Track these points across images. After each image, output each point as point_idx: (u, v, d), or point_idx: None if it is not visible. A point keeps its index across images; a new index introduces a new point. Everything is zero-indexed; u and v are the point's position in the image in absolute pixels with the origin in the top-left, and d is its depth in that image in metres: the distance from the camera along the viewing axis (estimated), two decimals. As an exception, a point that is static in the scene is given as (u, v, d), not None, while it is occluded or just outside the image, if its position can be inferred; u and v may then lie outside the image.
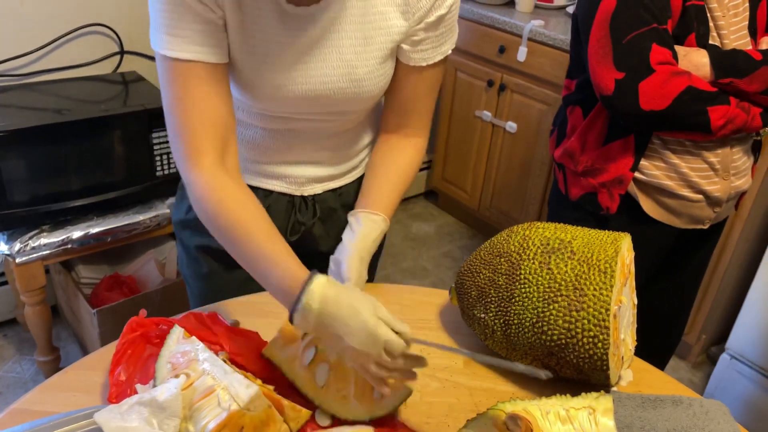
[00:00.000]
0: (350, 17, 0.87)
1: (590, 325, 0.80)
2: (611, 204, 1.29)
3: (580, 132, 1.31)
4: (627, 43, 1.14)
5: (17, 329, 2.15)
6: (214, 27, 0.82)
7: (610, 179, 1.27)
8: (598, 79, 1.18)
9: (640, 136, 1.23)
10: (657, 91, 1.12)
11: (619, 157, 1.25)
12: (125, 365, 0.81)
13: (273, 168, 1.02)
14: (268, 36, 0.85)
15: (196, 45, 0.81)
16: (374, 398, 0.79)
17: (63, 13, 1.91)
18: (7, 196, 1.63)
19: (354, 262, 0.87)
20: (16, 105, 1.74)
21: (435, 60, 0.95)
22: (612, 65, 1.15)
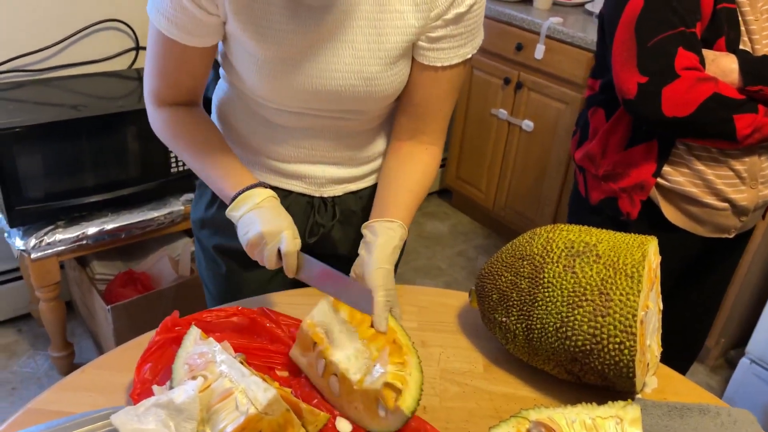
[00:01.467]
0: (365, 13, 0.85)
1: (616, 331, 0.78)
2: (632, 209, 1.26)
3: (602, 135, 1.28)
4: (652, 46, 1.10)
5: (32, 324, 2.16)
6: (205, 24, 0.84)
7: (631, 184, 1.24)
8: (620, 83, 1.15)
9: (664, 141, 1.20)
10: (681, 97, 1.09)
11: (641, 162, 1.22)
12: (153, 364, 0.80)
13: (292, 167, 1.01)
14: (280, 28, 0.84)
15: (179, 30, 0.84)
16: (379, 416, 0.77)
17: (79, 9, 1.91)
18: (23, 192, 1.63)
19: (377, 277, 0.82)
20: (32, 101, 1.75)
21: (452, 62, 0.91)
22: (635, 69, 1.12)
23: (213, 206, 1.05)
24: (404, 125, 0.98)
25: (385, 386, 0.76)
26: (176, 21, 0.83)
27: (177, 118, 0.93)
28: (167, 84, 0.91)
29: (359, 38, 0.86)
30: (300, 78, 0.87)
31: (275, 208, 0.87)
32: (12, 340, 2.10)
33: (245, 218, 0.86)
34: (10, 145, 1.57)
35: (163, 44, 0.86)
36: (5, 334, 2.12)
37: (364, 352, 0.80)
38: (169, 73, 0.90)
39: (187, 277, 1.93)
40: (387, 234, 0.88)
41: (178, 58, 0.88)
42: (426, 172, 0.98)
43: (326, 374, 0.81)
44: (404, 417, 0.75)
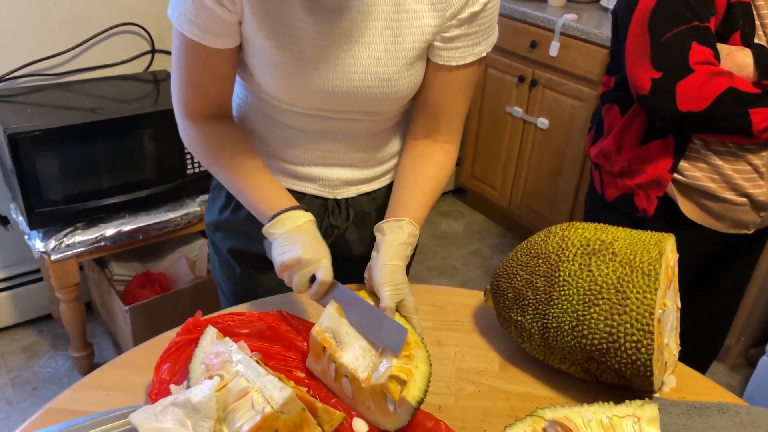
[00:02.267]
0: (382, 13, 0.85)
1: (633, 330, 0.77)
2: (648, 206, 1.25)
3: (617, 131, 1.27)
4: (666, 41, 1.10)
5: (52, 325, 2.19)
6: (224, 21, 0.84)
7: (647, 181, 1.23)
8: (634, 78, 1.15)
9: (680, 137, 1.19)
10: (695, 92, 1.08)
11: (657, 158, 1.21)
12: (172, 364, 0.81)
13: (306, 170, 1.01)
14: (297, 27, 0.84)
15: (201, 31, 0.84)
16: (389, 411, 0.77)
17: (95, 13, 1.93)
18: (43, 195, 1.66)
19: (384, 274, 0.84)
20: (50, 104, 1.77)
21: (467, 61, 0.91)
22: (649, 64, 1.11)
23: (227, 209, 1.06)
24: (419, 124, 0.98)
25: (390, 379, 0.76)
26: (198, 22, 0.83)
27: (209, 133, 0.93)
28: (196, 92, 0.90)
29: (376, 39, 0.86)
30: (316, 79, 0.87)
31: (314, 234, 0.88)
32: (33, 340, 2.13)
33: (284, 238, 0.86)
34: (29, 149, 1.59)
35: (188, 50, 0.86)
36: (26, 334, 2.15)
37: (370, 350, 0.81)
38: (196, 79, 0.89)
39: (204, 278, 1.95)
40: (394, 232, 0.89)
41: (204, 61, 0.88)
42: (440, 170, 0.98)
43: (338, 377, 0.81)
44: (411, 407, 0.75)
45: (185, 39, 0.86)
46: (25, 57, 1.87)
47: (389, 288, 0.82)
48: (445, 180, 0.99)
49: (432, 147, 0.98)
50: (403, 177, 0.98)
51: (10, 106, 1.73)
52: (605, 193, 1.32)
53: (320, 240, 0.88)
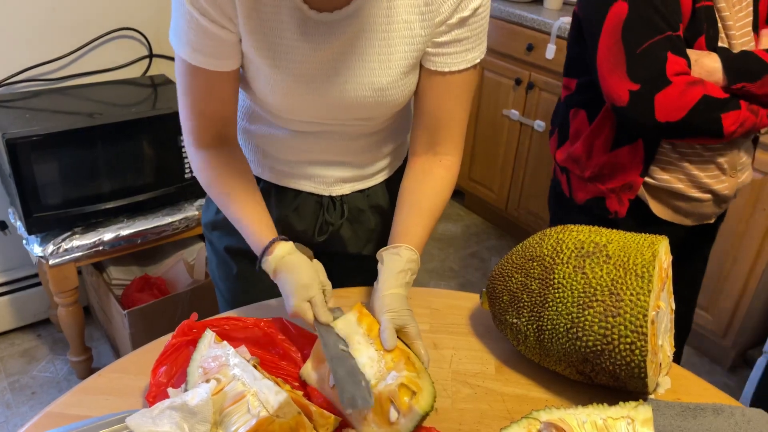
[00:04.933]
0: (374, 26, 0.86)
1: (627, 332, 0.78)
2: (620, 208, 1.27)
3: (586, 137, 1.27)
4: (641, 53, 1.09)
5: (51, 329, 2.19)
6: (223, 41, 0.85)
7: (619, 185, 1.25)
8: (610, 90, 1.14)
9: (649, 142, 1.21)
10: (674, 103, 1.09)
11: (628, 163, 1.23)
12: (169, 367, 0.82)
13: (301, 168, 1.02)
14: (292, 44, 0.85)
15: (203, 56, 0.85)
16: (390, 421, 0.78)
17: (94, 18, 1.94)
18: (41, 199, 1.66)
19: (382, 304, 0.85)
20: (48, 109, 1.78)
21: (460, 67, 0.90)
22: (626, 76, 1.11)
23: None
24: (419, 138, 0.98)
25: (400, 387, 0.77)
26: (198, 46, 0.84)
27: (213, 162, 0.94)
28: (201, 117, 0.91)
29: (369, 50, 0.87)
30: (313, 93, 0.88)
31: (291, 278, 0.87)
32: (32, 345, 2.13)
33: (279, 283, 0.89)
34: (27, 154, 1.60)
35: (191, 75, 0.87)
36: (25, 339, 2.15)
37: (379, 361, 0.81)
38: (200, 104, 0.90)
39: (202, 281, 1.95)
40: (392, 260, 0.90)
41: (207, 85, 0.88)
42: (440, 187, 0.97)
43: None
44: (417, 416, 0.75)
45: (187, 66, 0.86)
46: (24, 62, 1.87)
47: (389, 315, 0.83)
48: (446, 194, 0.98)
49: (432, 162, 0.97)
50: (402, 200, 0.97)
51: (8, 111, 1.73)
52: (574, 196, 1.34)
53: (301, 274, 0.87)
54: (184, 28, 0.83)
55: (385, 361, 0.81)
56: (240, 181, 0.95)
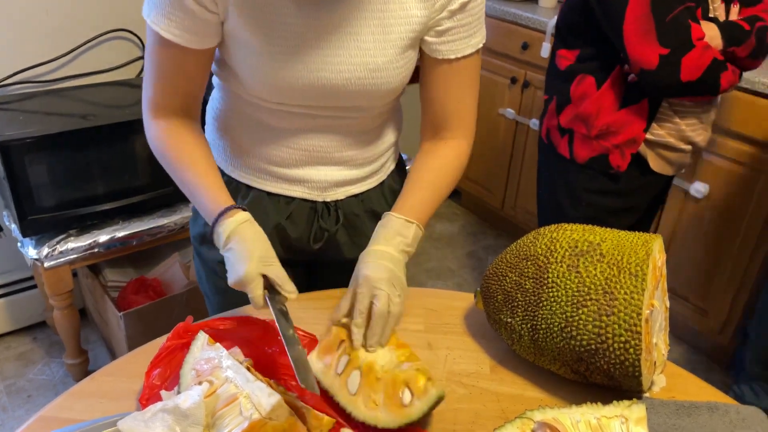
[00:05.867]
0: (369, 4, 0.85)
1: (621, 330, 0.78)
2: (622, 162, 1.42)
3: (595, 99, 1.39)
4: (670, 21, 1.24)
5: (47, 332, 2.19)
6: (205, 23, 0.84)
7: (624, 140, 1.40)
8: (640, 55, 1.27)
9: (653, 101, 1.36)
10: (695, 63, 1.25)
11: (634, 121, 1.38)
12: (162, 369, 0.81)
13: (295, 171, 1.01)
14: (284, 21, 0.84)
15: (179, 30, 0.84)
16: (403, 404, 0.78)
17: (87, 19, 1.93)
18: (35, 202, 1.66)
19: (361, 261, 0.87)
20: (42, 111, 1.77)
21: (465, 53, 0.92)
22: (656, 42, 1.25)
23: None
24: (428, 126, 0.99)
25: (416, 371, 0.79)
26: (176, 20, 0.83)
27: (169, 130, 0.92)
28: (164, 90, 0.90)
29: (364, 30, 0.86)
30: (306, 72, 0.87)
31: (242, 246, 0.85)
32: (28, 348, 2.12)
33: (225, 256, 0.87)
34: (21, 156, 1.59)
35: (162, 48, 0.86)
36: (21, 342, 2.15)
37: (391, 352, 0.83)
38: (166, 78, 0.89)
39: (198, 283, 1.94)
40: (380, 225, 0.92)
41: (177, 61, 0.87)
42: (445, 165, 0.98)
43: (348, 369, 0.81)
44: (433, 398, 0.76)
45: (159, 38, 0.85)
46: (17, 64, 1.87)
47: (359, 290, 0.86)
48: (454, 173, 0.99)
49: (438, 144, 0.99)
50: (410, 175, 0.99)
51: (2, 113, 1.73)
52: (576, 155, 1.46)
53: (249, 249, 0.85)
54: (163, 1, 0.82)
55: (397, 354, 0.84)
56: (198, 151, 0.93)
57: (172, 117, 0.93)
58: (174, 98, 0.91)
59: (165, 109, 0.92)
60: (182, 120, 0.94)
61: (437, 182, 0.97)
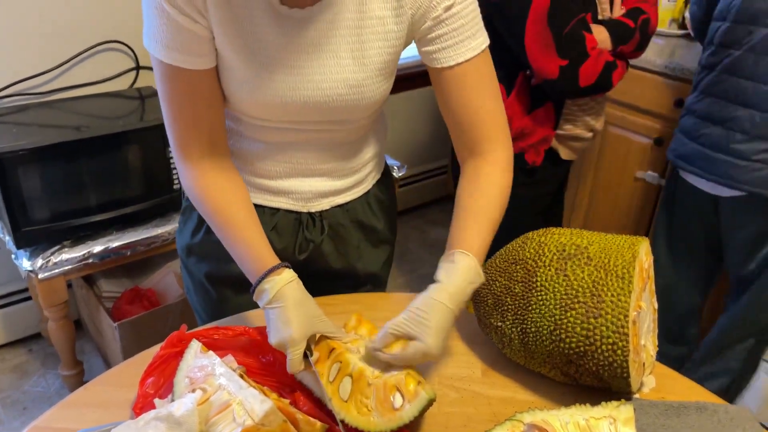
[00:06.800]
0: (346, 21, 0.86)
1: (609, 332, 0.79)
2: (537, 158, 1.56)
3: (507, 106, 1.48)
4: (566, 34, 1.36)
5: (42, 344, 2.18)
6: (198, 37, 0.84)
7: (537, 140, 1.53)
8: (542, 67, 1.39)
9: (557, 103, 1.50)
10: (591, 70, 1.39)
11: (543, 122, 1.52)
12: (156, 378, 0.82)
13: (278, 183, 1.01)
14: (265, 39, 0.84)
15: (179, 53, 0.84)
16: (394, 407, 0.78)
17: (80, 31, 1.94)
18: (29, 213, 1.66)
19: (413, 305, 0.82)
20: (36, 123, 1.78)
21: (465, 57, 0.88)
22: (555, 54, 1.37)
23: (200, 231, 1.05)
24: (460, 144, 0.95)
25: (406, 376, 0.80)
26: (173, 44, 0.83)
27: (204, 178, 0.91)
28: (187, 126, 0.89)
29: (343, 47, 0.87)
30: (287, 90, 0.87)
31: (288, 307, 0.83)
32: (23, 360, 2.12)
33: (265, 316, 0.85)
34: (15, 168, 1.60)
35: (170, 77, 0.86)
36: (16, 354, 2.14)
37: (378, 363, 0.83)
38: (185, 109, 0.88)
39: (192, 292, 1.95)
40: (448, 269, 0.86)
41: (188, 86, 0.86)
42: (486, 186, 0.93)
43: (339, 376, 0.82)
44: (424, 401, 0.77)
45: (165, 69, 0.85)
46: (10, 77, 1.87)
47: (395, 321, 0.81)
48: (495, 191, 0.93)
49: (477, 162, 0.94)
50: (456, 206, 0.95)
51: (-6, 126, 1.74)
52: None
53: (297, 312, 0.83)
54: (157, 26, 0.82)
55: None
56: (237, 203, 0.91)
57: (204, 160, 0.91)
58: (199, 132, 0.90)
59: (194, 149, 0.90)
60: (214, 161, 0.92)
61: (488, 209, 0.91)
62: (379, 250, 1.14)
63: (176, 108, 0.88)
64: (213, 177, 0.91)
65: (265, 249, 0.89)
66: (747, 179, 1.48)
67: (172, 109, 0.88)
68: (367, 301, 1.07)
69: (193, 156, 0.90)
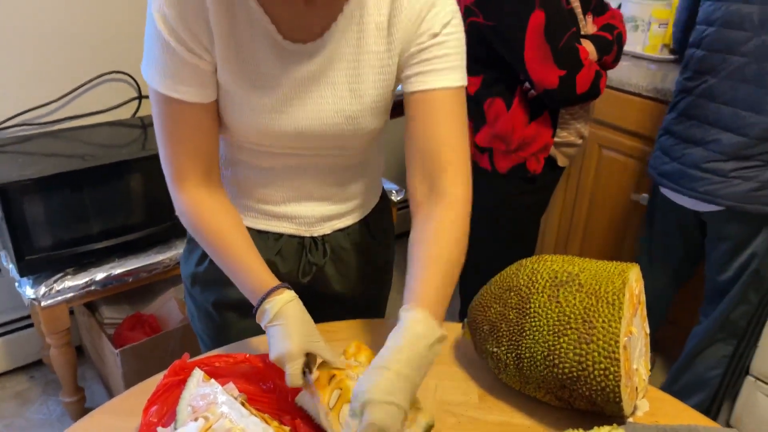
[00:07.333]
0: (345, 55, 0.90)
1: (600, 357, 0.81)
2: (537, 167, 1.66)
3: (507, 118, 1.60)
4: (562, 47, 1.47)
5: (44, 370, 2.19)
6: (201, 71, 0.87)
7: (539, 148, 1.63)
8: (541, 78, 1.49)
9: (553, 112, 1.60)
10: (586, 79, 1.50)
11: (543, 131, 1.62)
12: (159, 406, 0.83)
13: (281, 208, 1.04)
14: (267, 71, 0.88)
15: (182, 85, 0.86)
16: None
17: (83, 62, 1.99)
18: (33, 242, 1.68)
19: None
20: (40, 153, 1.81)
21: (441, 85, 0.88)
22: (554, 66, 1.48)
23: (205, 260, 1.07)
24: (419, 177, 0.91)
25: None
26: (175, 77, 0.85)
27: (199, 205, 0.93)
28: (183, 156, 0.91)
29: (340, 79, 0.90)
30: (288, 119, 0.91)
31: (289, 325, 0.86)
32: (25, 387, 2.13)
33: (267, 334, 0.88)
34: (19, 198, 1.63)
35: (170, 109, 0.88)
36: (18, 381, 2.15)
37: None
38: (184, 140, 0.90)
39: (193, 318, 1.96)
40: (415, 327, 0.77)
41: (188, 118, 0.89)
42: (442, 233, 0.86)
43: (339, 403, 0.84)
44: (422, 426, 0.79)
45: (163, 98, 0.87)
46: (16, 107, 1.91)
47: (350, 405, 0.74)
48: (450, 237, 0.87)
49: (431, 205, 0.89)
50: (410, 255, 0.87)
51: (1, 156, 1.77)
52: (498, 167, 1.68)
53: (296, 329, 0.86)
54: (159, 58, 0.84)
55: None
56: (233, 229, 0.94)
57: (198, 188, 0.93)
58: (193, 163, 0.92)
59: (188, 178, 0.92)
60: (207, 190, 0.94)
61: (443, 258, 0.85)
62: (379, 272, 1.18)
63: (175, 139, 0.90)
64: (208, 204, 0.94)
65: (264, 271, 0.92)
66: (725, 194, 1.56)
67: (171, 140, 0.90)
68: (365, 327, 1.09)
69: (189, 184, 0.93)
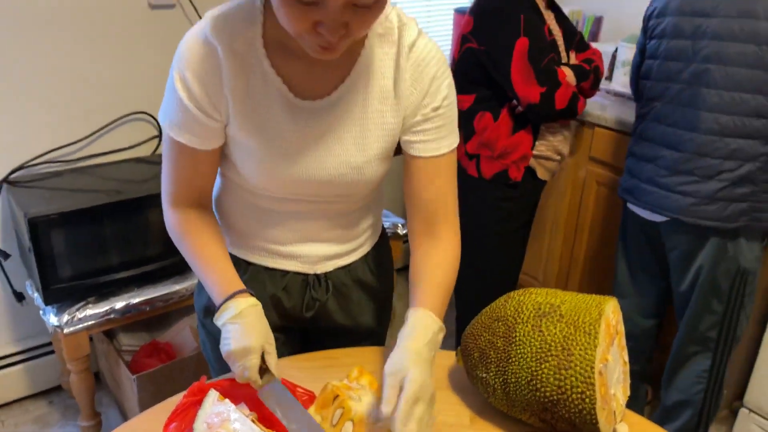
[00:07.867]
0: (352, 113, 1.00)
1: (578, 382, 0.89)
2: (518, 175, 1.91)
3: (494, 128, 1.87)
4: (544, 67, 1.76)
5: (63, 396, 2.28)
6: (209, 128, 0.99)
7: (519, 157, 1.89)
8: (525, 94, 1.77)
9: (534, 126, 1.87)
10: (563, 96, 1.78)
11: (523, 142, 1.88)
12: (178, 423, 0.92)
13: (289, 248, 1.13)
14: (279, 127, 0.99)
15: (188, 134, 0.98)
16: None
17: (108, 104, 2.12)
18: (58, 272, 1.79)
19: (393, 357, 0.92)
20: (66, 188, 1.93)
21: (440, 152, 1.02)
22: (536, 84, 1.76)
23: None
24: (417, 222, 1.07)
25: None
26: (185, 128, 0.98)
27: (187, 219, 1.05)
28: (181, 185, 1.04)
29: (347, 135, 1.01)
30: (296, 169, 1.01)
31: (250, 322, 0.96)
32: (44, 411, 2.21)
33: (223, 330, 0.97)
34: (47, 231, 1.74)
35: (176, 150, 1.00)
36: (38, 405, 2.24)
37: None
38: (182, 175, 1.03)
39: (207, 346, 2.04)
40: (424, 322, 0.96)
41: (190, 160, 1.01)
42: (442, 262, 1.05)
43: (341, 421, 0.91)
44: None
45: (174, 142, 1.00)
46: (45, 145, 2.04)
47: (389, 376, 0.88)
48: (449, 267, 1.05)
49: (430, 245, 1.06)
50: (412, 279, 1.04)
51: (30, 191, 1.89)
52: (483, 173, 1.93)
53: (256, 327, 0.96)
54: (174, 111, 0.97)
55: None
56: (212, 240, 1.06)
57: (188, 208, 1.06)
58: (189, 192, 1.05)
59: (181, 202, 1.05)
60: (197, 210, 1.06)
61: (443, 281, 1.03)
62: (378, 305, 1.26)
63: (177, 171, 1.03)
64: (194, 217, 1.06)
65: (233, 276, 1.03)
66: (671, 207, 1.73)
67: (174, 170, 1.03)
68: (366, 354, 1.17)
69: (181, 205, 1.06)
